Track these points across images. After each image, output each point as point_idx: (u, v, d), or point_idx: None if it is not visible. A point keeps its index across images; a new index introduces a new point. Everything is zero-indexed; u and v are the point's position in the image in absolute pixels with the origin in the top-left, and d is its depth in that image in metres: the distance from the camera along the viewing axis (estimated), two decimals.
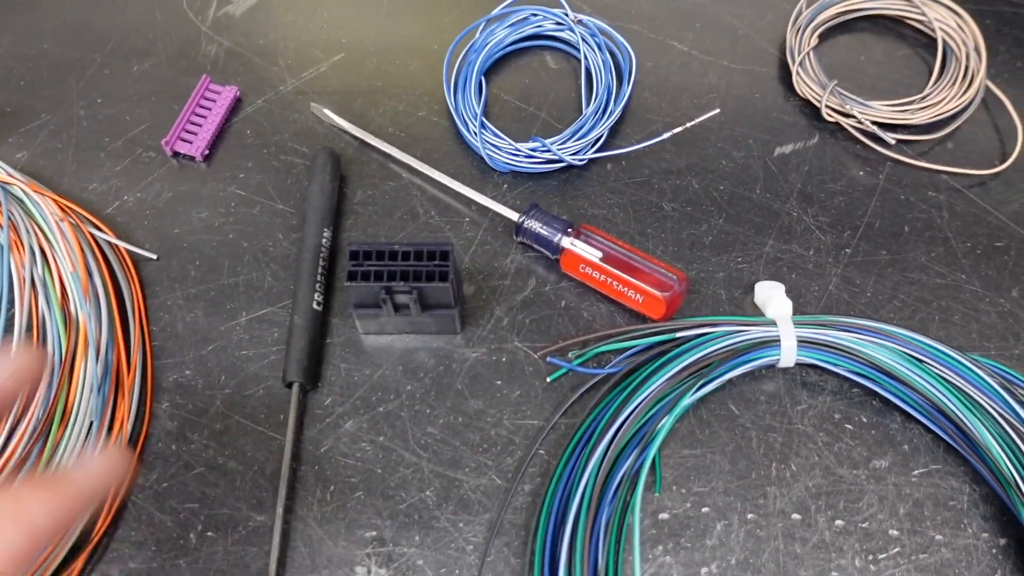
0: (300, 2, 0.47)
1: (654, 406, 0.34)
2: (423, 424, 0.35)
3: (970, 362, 0.35)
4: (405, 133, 0.42)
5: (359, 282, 0.33)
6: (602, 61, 0.43)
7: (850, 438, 0.35)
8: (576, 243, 0.37)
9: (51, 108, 0.43)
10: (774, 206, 0.40)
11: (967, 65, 0.43)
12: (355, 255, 0.34)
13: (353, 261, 0.34)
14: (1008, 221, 0.40)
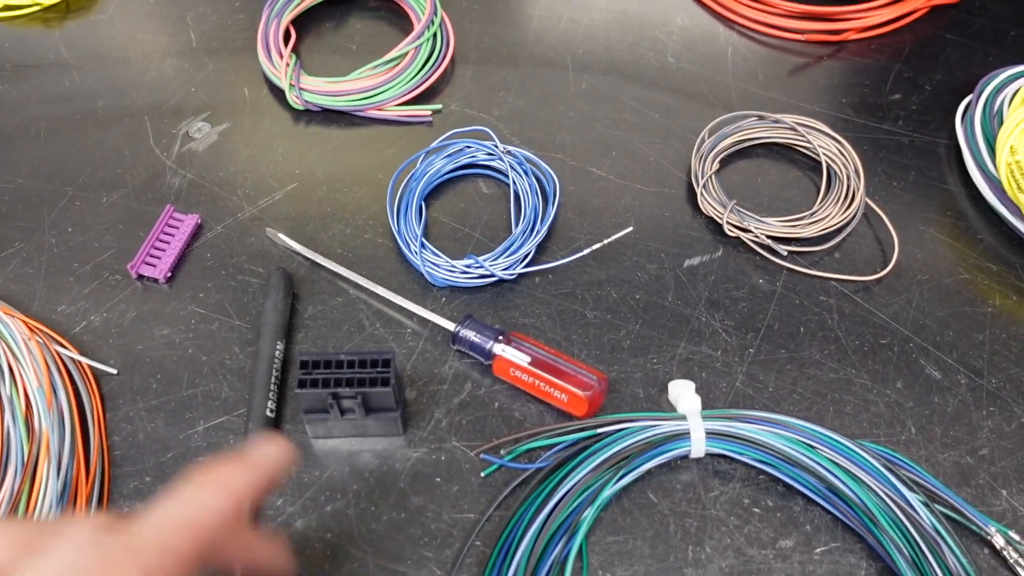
0: (256, 139, 0.52)
1: (579, 496, 0.38)
2: (368, 521, 0.38)
3: (858, 448, 0.39)
4: (352, 253, 0.47)
5: (308, 388, 0.37)
6: (529, 186, 0.48)
7: (758, 521, 0.38)
8: (507, 349, 0.41)
9: (24, 237, 0.47)
10: (685, 312, 0.45)
11: (849, 185, 0.48)
12: (305, 364, 0.37)
13: (303, 370, 0.37)
14: (891, 321, 0.44)
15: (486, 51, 0.56)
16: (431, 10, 0.55)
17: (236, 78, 0.54)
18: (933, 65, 0.56)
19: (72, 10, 0.59)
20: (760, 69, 0.55)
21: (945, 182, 0.50)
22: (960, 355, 0.43)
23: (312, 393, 0.37)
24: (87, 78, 0.55)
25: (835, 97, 0.54)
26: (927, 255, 0.47)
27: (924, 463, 0.40)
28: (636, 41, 0.57)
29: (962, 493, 0.39)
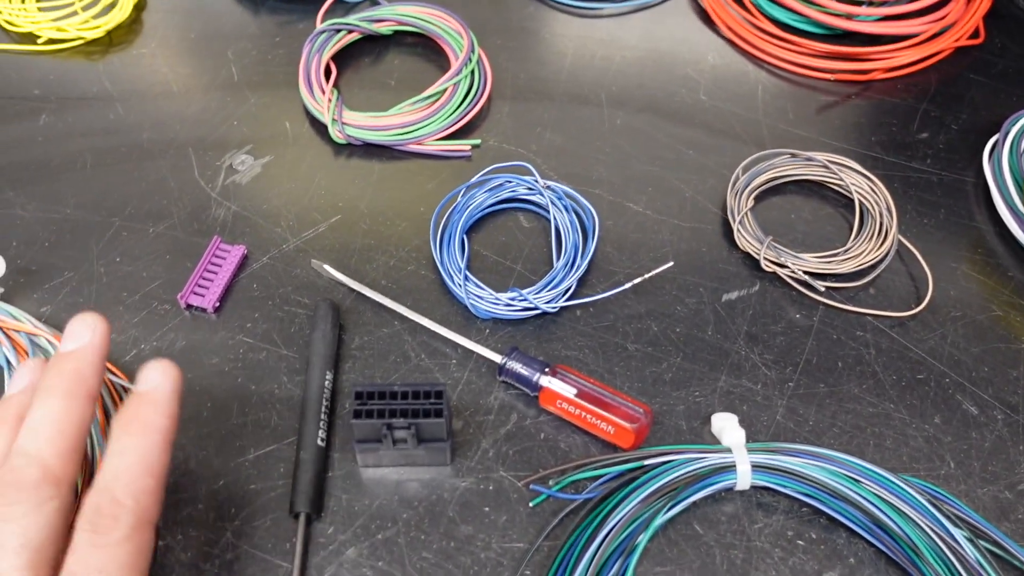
0: (299, 171, 0.53)
1: (630, 526, 0.38)
2: (418, 549, 0.39)
3: (902, 482, 0.39)
4: (396, 285, 0.47)
5: (364, 419, 0.37)
6: (569, 221, 0.49)
7: (802, 553, 0.39)
8: (553, 381, 0.42)
9: (73, 267, 0.48)
10: (724, 346, 0.46)
11: (881, 222, 0.49)
12: (360, 395, 0.38)
13: (359, 401, 0.38)
14: (926, 356, 0.45)
15: (522, 88, 0.57)
16: (468, 47, 0.56)
17: (278, 112, 0.56)
18: (959, 104, 0.57)
19: (115, 44, 0.60)
20: (790, 107, 0.57)
21: (974, 219, 0.51)
22: (996, 391, 0.44)
23: (367, 424, 0.37)
24: (131, 111, 0.56)
25: (864, 135, 0.55)
26: (960, 292, 0.48)
27: (964, 498, 0.40)
28: (668, 79, 0.58)
29: (1002, 527, 0.40)
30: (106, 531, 0.29)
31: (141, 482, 0.30)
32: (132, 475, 0.30)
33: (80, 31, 0.60)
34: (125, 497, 0.29)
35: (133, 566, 0.29)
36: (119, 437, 0.31)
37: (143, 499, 0.30)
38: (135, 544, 0.29)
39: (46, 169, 0.52)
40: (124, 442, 0.31)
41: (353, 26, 0.58)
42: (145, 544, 0.30)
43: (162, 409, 0.32)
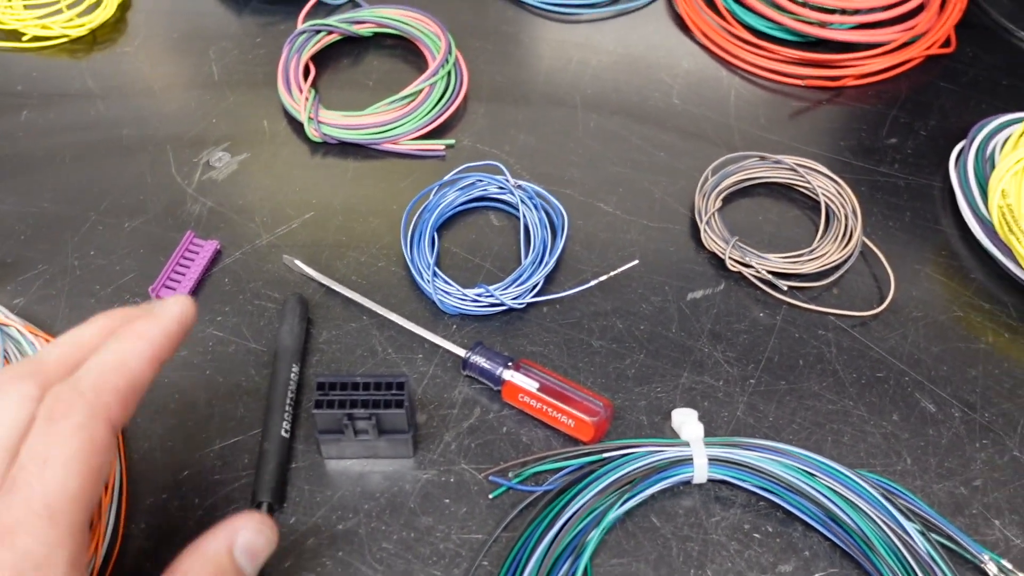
0: (275, 169, 0.53)
1: (584, 519, 0.39)
2: (378, 540, 0.39)
3: (856, 476, 0.40)
4: (366, 281, 0.48)
5: (324, 409, 0.38)
6: (538, 219, 0.49)
7: (758, 546, 0.39)
8: (516, 375, 0.42)
9: (47, 259, 0.48)
10: (688, 343, 0.46)
11: (847, 224, 0.50)
12: (322, 386, 0.38)
13: (320, 391, 0.38)
14: (887, 355, 0.46)
15: (498, 90, 0.58)
16: (446, 49, 0.57)
17: (256, 110, 0.56)
18: (928, 111, 0.58)
19: (99, 42, 0.61)
20: (762, 112, 0.57)
21: (939, 223, 0.52)
22: (954, 389, 0.45)
23: (328, 414, 0.38)
24: (112, 108, 0.57)
25: (834, 140, 0.56)
26: (922, 293, 0.48)
27: (919, 493, 0.41)
28: (643, 83, 0.59)
29: (956, 522, 0.40)
30: (59, 418, 0.28)
31: (108, 377, 0.29)
32: (101, 370, 0.30)
33: (65, 29, 0.61)
34: (87, 389, 0.29)
35: (82, 461, 0.27)
36: (107, 340, 0.31)
37: (105, 395, 0.29)
38: (86, 437, 0.28)
39: (25, 163, 0.53)
40: (109, 344, 0.31)
41: (333, 27, 0.59)
42: (99, 442, 0.28)
43: (158, 323, 0.32)
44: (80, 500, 0.27)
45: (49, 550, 0.26)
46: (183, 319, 0.33)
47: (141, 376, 0.31)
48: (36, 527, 0.26)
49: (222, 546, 0.31)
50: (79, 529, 0.27)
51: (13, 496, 0.26)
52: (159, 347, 0.32)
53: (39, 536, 0.26)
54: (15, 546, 0.25)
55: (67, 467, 0.27)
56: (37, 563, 0.25)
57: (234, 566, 0.31)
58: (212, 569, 0.30)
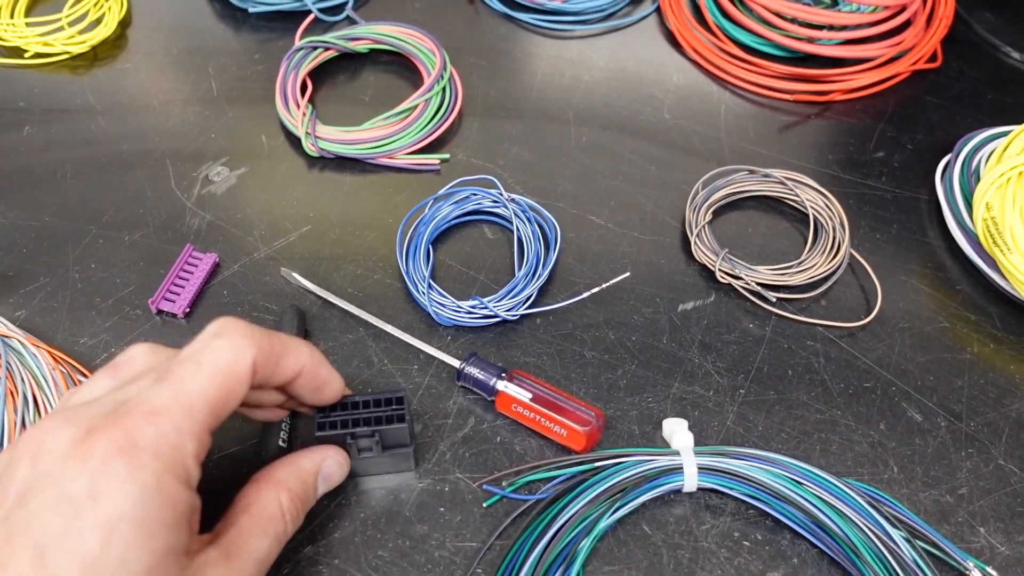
0: (273, 183, 0.54)
1: (576, 527, 0.39)
2: (374, 548, 0.40)
3: (844, 485, 0.41)
4: (363, 293, 0.49)
5: (328, 431, 0.38)
6: (532, 232, 0.50)
7: (748, 553, 0.40)
8: (509, 386, 0.43)
9: (49, 272, 0.49)
10: (679, 354, 0.47)
11: (834, 237, 0.51)
12: (322, 409, 0.39)
13: (321, 414, 0.39)
14: (874, 365, 0.47)
15: (492, 105, 0.59)
16: (440, 65, 0.58)
17: (254, 125, 0.57)
18: (914, 126, 0.59)
19: (99, 59, 0.62)
20: (751, 126, 0.58)
21: (926, 235, 0.53)
22: (940, 399, 0.45)
23: (331, 435, 0.38)
24: (112, 123, 0.57)
25: (822, 154, 0.57)
26: (909, 304, 0.49)
27: (906, 501, 0.42)
28: (634, 98, 0.60)
29: (942, 530, 0.41)
30: (223, 335, 0.33)
31: (276, 342, 0.34)
32: (280, 336, 0.35)
33: (66, 46, 0.62)
34: (256, 332, 0.34)
35: (226, 377, 0.32)
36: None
37: (266, 346, 0.33)
38: (236, 360, 0.32)
39: (27, 178, 0.54)
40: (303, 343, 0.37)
41: (330, 44, 0.60)
42: (243, 371, 0.32)
43: (327, 387, 0.38)
44: (213, 408, 0.31)
45: (182, 438, 0.30)
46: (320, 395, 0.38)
47: (289, 370, 0.35)
48: (177, 415, 0.30)
49: (313, 466, 0.37)
50: (206, 431, 0.31)
51: (165, 385, 0.31)
52: (304, 385, 0.37)
53: (178, 423, 0.30)
54: (158, 425, 0.30)
55: (213, 377, 0.31)
56: (172, 444, 0.30)
57: (314, 485, 0.37)
58: (301, 483, 0.36)
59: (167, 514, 0.29)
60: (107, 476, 0.28)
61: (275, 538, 0.34)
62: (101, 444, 0.28)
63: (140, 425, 0.29)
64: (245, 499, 0.35)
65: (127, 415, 0.29)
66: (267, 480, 0.36)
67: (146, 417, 0.29)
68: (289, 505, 0.35)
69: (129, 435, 0.29)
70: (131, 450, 0.29)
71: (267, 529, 0.34)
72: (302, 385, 0.36)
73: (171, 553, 0.29)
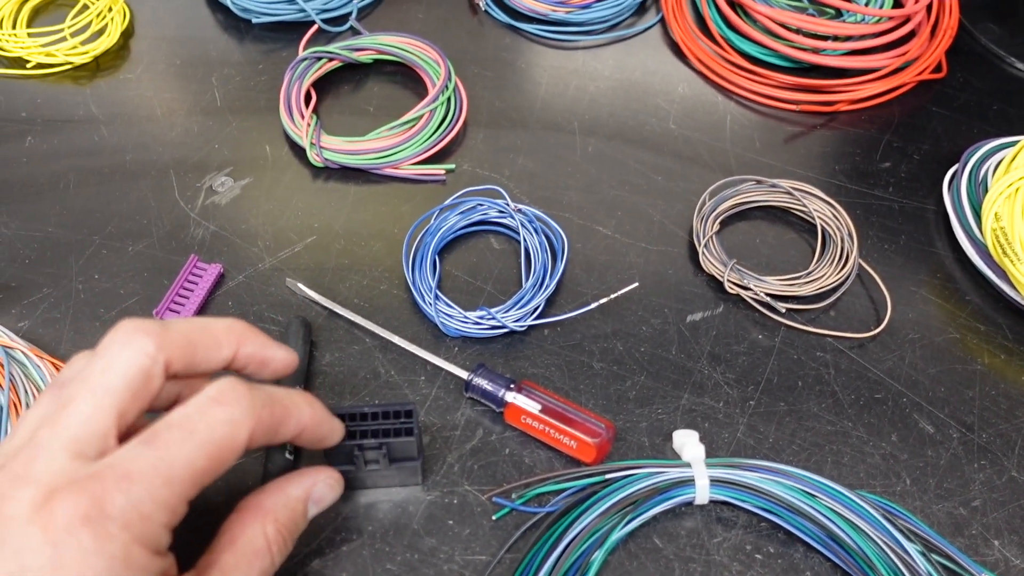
0: (277, 193, 0.54)
1: (588, 539, 0.39)
2: (382, 561, 0.39)
3: (857, 497, 0.40)
4: (369, 304, 0.49)
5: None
6: (539, 243, 0.50)
7: (760, 567, 0.40)
8: (518, 397, 0.42)
9: (52, 283, 0.49)
10: (688, 365, 0.47)
11: (843, 247, 0.51)
12: None
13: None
14: (884, 376, 0.46)
15: (497, 115, 0.59)
16: (445, 75, 0.58)
17: (258, 136, 0.57)
18: (921, 136, 0.59)
19: (102, 69, 0.62)
20: (757, 136, 0.58)
21: (934, 246, 0.53)
22: (952, 410, 0.45)
23: (338, 446, 0.38)
24: (115, 134, 0.57)
25: (828, 164, 0.57)
26: (918, 315, 0.49)
27: (919, 513, 0.41)
28: (639, 108, 0.60)
29: (956, 543, 0.40)
30: (223, 405, 0.31)
31: (277, 411, 0.33)
32: (280, 400, 0.34)
33: (68, 56, 0.62)
34: (261, 402, 0.32)
35: (217, 449, 0.31)
36: (288, 393, 0.35)
37: (267, 417, 0.32)
38: (232, 434, 0.31)
39: (29, 188, 0.54)
40: (296, 395, 0.36)
41: (334, 54, 0.60)
42: (237, 445, 0.31)
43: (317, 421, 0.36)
44: (196, 479, 0.30)
45: (155, 508, 0.29)
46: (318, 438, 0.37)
47: (288, 435, 0.34)
48: (154, 484, 0.29)
49: (301, 493, 0.36)
50: (183, 502, 0.30)
51: (148, 449, 0.29)
52: (306, 433, 0.35)
53: (153, 492, 0.29)
54: (130, 493, 0.28)
55: (203, 448, 0.30)
56: (143, 514, 0.28)
57: (304, 512, 0.36)
58: (289, 512, 0.35)
59: None
60: (71, 549, 0.26)
61: (260, 573, 0.33)
62: (64, 511, 0.27)
63: (110, 491, 0.28)
64: (229, 532, 0.34)
65: (97, 479, 0.28)
66: (253, 510, 0.34)
67: (117, 483, 0.28)
68: (275, 536, 0.34)
69: (96, 502, 0.27)
70: (98, 519, 0.27)
71: (252, 565, 0.33)
72: (302, 441, 0.36)
73: None
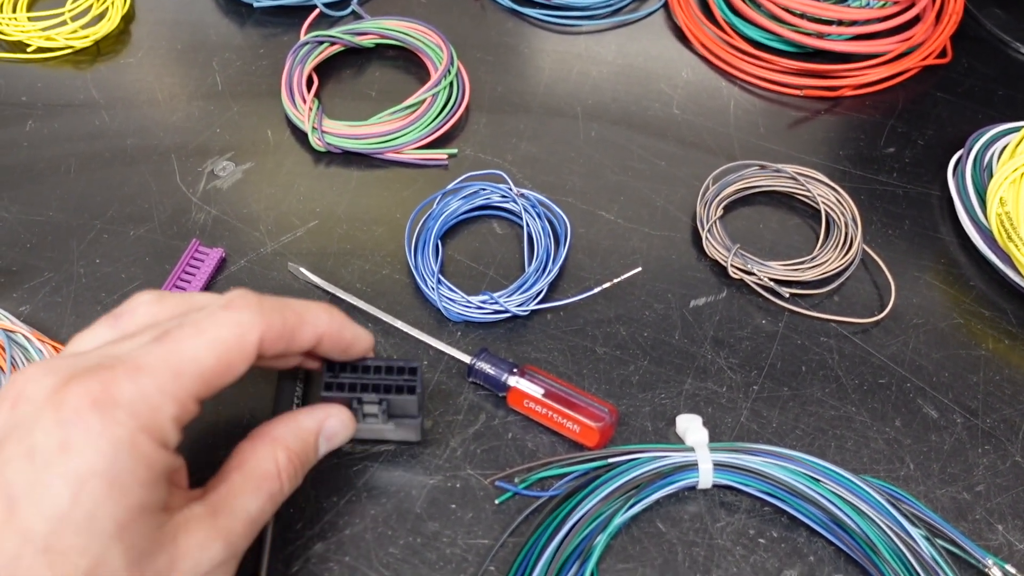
0: (279, 178, 0.54)
1: (590, 524, 0.39)
2: (385, 545, 0.39)
3: (861, 482, 0.40)
4: (371, 288, 0.48)
5: (334, 392, 0.37)
6: (541, 227, 0.50)
7: (763, 551, 0.40)
8: (521, 381, 0.42)
9: (53, 267, 0.49)
10: (691, 350, 0.46)
11: (847, 232, 0.51)
12: (331, 367, 0.38)
13: (330, 373, 0.38)
14: (888, 361, 0.46)
15: (500, 100, 0.59)
16: (447, 60, 0.57)
17: (260, 120, 0.57)
18: (925, 121, 0.58)
19: (102, 53, 0.61)
20: (761, 121, 0.58)
21: (938, 231, 0.52)
22: (956, 395, 0.45)
23: (338, 396, 0.37)
24: (116, 118, 0.57)
25: (832, 149, 0.56)
26: (922, 300, 0.49)
27: (923, 498, 0.41)
28: (643, 93, 0.59)
29: (960, 527, 0.40)
30: (232, 309, 0.32)
31: (289, 315, 0.34)
32: (290, 307, 0.34)
33: (69, 40, 0.61)
34: (269, 307, 0.33)
35: (225, 348, 0.31)
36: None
37: (278, 321, 0.33)
38: (240, 334, 0.32)
39: (30, 173, 0.53)
40: (314, 306, 0.36)
41: (336, 38, 0.59)
42: (246, 346, 0.32)
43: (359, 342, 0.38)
44: (205, 377, 0.30)
45: (163, 399, 0.29)
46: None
47: (305, 341, 0.34)
48: (162, 376, 0.29)
49: (314, 424, 0.36)
50: (192, 397, 0.30)
51: (158, 346, 0.30)
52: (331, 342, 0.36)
53: (161, 384, 0.29)
54: (139, 383, 0.29)
55: (211, 345, 0.30)
56: (151, 404, 0.29)
57: (315, 444, 0.36)
58: (301, 442, 0.35)
59: (140, 472, 0.28)
60: (79, 429, 0.27)
61: (269, 497, 0.33)
62: (76, 395, 0.28)
63: (120, 380, 0.28)
64: (240, 455, 0.34)
65: (109, 369, 0.29)
66: (264, 437, 0.35)
67: (128, 373, 0.29)
68: (286, 464, 0.34)
69: (107, 389, 0.28)
70: (106, 404, 0.28)
71: (260, 487, 0.33)
72: (326, 350, 0.36)
73: (145, 510, 0.28)
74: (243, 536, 0.32)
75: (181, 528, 0.30)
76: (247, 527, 0.32)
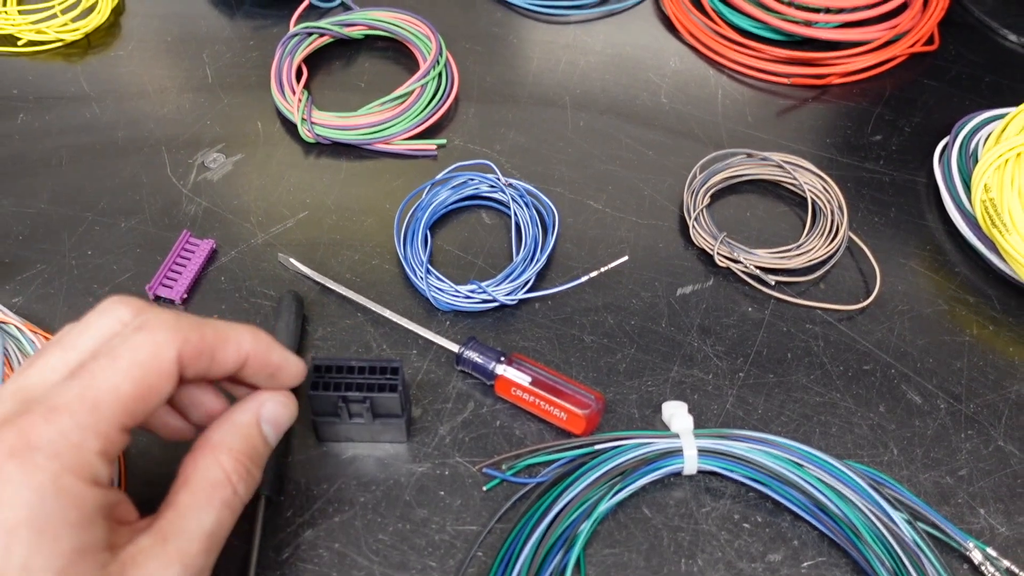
0: (269, 169, 0.54)
1: (576, 510, 0.39)
2: (374, 531, 0.40)
3: (844, 467, 0.41)
4: (360, 279, 0.49)
5: (321, 391, 0.38)
6: (529, 217, 0.50)
7: (748, 536, 0.40)
8: (508, 370, 0.43)
9: (45, 259, 0.49)
10: (678, 338, 0.47)
11: (833, 220, 0.51)
12: (319, 368, 0.39)
13: (316, 373, 0.39)
14: (873, 348, 0.47)
15: (488, 90, 0.59)
16: (436, 51, 0.57)
17: (250, 112, 0.57)
18: (912, 109, 0.59)
19: (93, 46, 0.62)
20: (749, 110, 0.58)
21: (924, 218, 0.53)
22: (940, 381, 0.45)
23: (324, 396, 0.38)
24: (107, 110, 0.57)
25: (820, 137, 0.57)
26: (908, 287, 0.49)
27: (906, 483, 0.42)
28: (631, 83, 0.60)
29: (942, 511, 0.41)
30: (145, 330, 0.31)
31: (208, 333, 0.32)
32: (210, 326, 0.33)
33: (59, 33, 0.61)
34: (183, 326, 0.32)
35: (143, 372, 0.30)
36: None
37: (194, 339, 0.32)
38: (156, 354, 0.31)
39: (22, 165, 0.54)
40: (237, 328, 0.34)
41: (325, 30, 0.60)
42: (165, 368, 0.31)
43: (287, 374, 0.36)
44: (126, 405, 0.29)
45: (84, 435, 0.28)
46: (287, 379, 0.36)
47: (229, 361, 0.33)
48: (80, 413, 0.28)
49: (251, 417, 0.34)
50: (116, 428, 0.29)
51: (73, 381, 0.29)
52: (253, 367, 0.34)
53: (80, 420, 0.28)
54: (57, 424, 0.28)
55: (128, 371, 0.29)
56: (72, 443, 0.28)
57: (261, 435, 0.34)
58: (242, 439, 0.33)
59: (71, 514, 0.27)
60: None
61: (223, 506, 0.32)
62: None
63: (37, 424, 0.28)
64: (184, 472, 0.32)
65: (25, 414, 0.28)
66: (203, 446, 0.33)
67: (44, 416, 0.28)
68: (234, 466, 0.32)
69: (23, 436, 0.27)
70: (24, 451, 0.27)
71: (211, 498, 0.31)
72: (251, 375, 0.34)
73: (83, 553, 0.27)
74: (203, 553, 0.31)
75: (129, 564, 0.29)
76: (205, 543, 0.31)
